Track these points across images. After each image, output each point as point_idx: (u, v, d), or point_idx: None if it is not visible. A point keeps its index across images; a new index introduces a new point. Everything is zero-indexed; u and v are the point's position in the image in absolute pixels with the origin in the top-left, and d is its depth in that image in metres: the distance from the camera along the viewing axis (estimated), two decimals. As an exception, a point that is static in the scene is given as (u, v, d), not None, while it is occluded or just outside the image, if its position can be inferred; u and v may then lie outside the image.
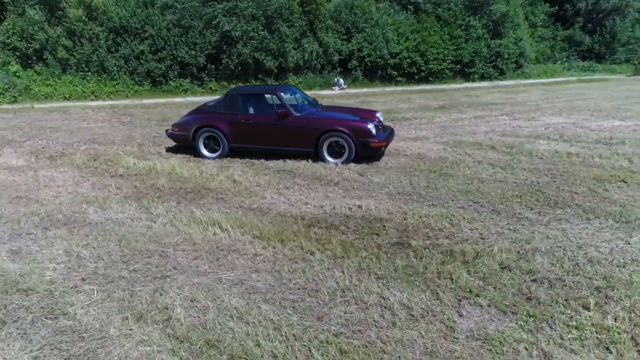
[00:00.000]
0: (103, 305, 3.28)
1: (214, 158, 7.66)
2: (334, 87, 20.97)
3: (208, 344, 2.80)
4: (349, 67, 22.43)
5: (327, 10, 21.76)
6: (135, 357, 2.72)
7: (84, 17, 17.21)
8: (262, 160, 7.53)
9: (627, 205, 5.21)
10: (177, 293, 3.40)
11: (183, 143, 8.01)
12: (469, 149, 8.31)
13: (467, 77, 25.79)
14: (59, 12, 17.41)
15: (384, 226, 4.68)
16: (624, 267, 3.73)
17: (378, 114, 8.08)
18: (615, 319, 2.98)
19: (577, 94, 19.28)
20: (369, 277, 3.62)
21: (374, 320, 3.03)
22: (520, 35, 27.50)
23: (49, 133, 10.14)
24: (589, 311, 3.11)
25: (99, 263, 3.95)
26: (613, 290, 3.35)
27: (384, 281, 3.54)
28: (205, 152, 7.73)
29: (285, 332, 2.90)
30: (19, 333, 2.96)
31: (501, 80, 26.65)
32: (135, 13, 17.93)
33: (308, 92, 19.42)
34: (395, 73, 23.34)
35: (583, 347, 2.73)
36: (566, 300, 3.24)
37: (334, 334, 2.88)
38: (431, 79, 24.38)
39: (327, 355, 2.67)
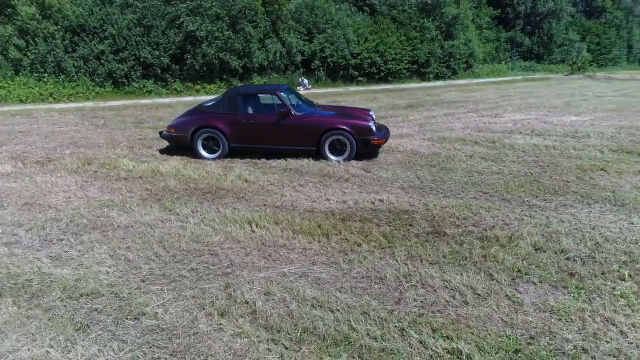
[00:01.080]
0: (178, 303, 3.32)
1: (213, 159, 7.64)
2: (298, 88, 21.13)
3: (305, 332, 2.94)
4: (312, 67, 22.68)
5: (288, 11, 21.88)
6: (237, 348, 2.82)
7: (37, 16, 16.31)
8: (264, 160, 7.62)
9: (615, 190, 5.81)
10: (249, 288, 3.49)
11: (180, 145, 7.92)
12: (455, 144, 8.80)
13: (423, 76, 26.79)
14: (9, 10, 16.40)
15: (413, 217, 4.96)
16: (636, 243, 4.23)
17: (371, 113, 8.38)
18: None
19: (527, 92, 20.62)
20: (422, 263, 3.88)
21: (447, 301, 3.29)
22: (469, 37, 28.93)
23: (22, 137, 9.63)
24: (624, 281, 3.53)
25: (152, 264, 3.95)
26: (638, 263, 3.81)
27: (438, 266, 3.82)
28: (204, 153, 7.70)
29: (373, 316, 3.09)
30: (108, 335, 2.96)
31: (454, 79, 27.90)
32: (93, 11, 17.24)
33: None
34: (357, 73, 23.86)
35: (634, 311, 3.13)
36: (602, 273, 3.66)
37: (418, 315, 3.11)
38: (390, 78, 25.12)
39: (422, 333, 2.90)
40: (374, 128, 7.38)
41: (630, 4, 40.65)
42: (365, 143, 7.35)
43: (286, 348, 2.80)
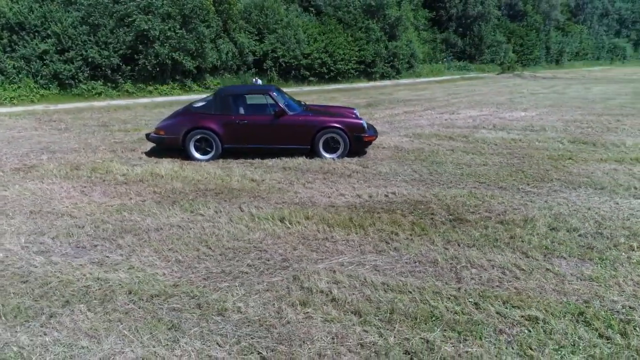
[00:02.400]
0: (254, 297, 3.44)
1: (207, 160, 7.61)
2: (252, 88, 21.05)
3: (392, 312, 3.19)
4: (264, 67, 22.69)
5: (238, 11, 21.75)
6: (335, 332, 3.01)
7: (-31, 12, 15.04)
8: (259, 160, 7.70)
9: (590, 176, 6.57)
10: (317, 278, 3.67)
11: (169, 147, 7.80)
12: (431, 139, 9.36)
13: (369, 76, 27.66)
14: (-64, 6, 14.98)
15: (429, 207, 5.34)
16: (629, 220, 4.88)
17: (355, 111, 8.71)
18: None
19: (470, 90, 22.01)
20: (460, 247, 4.25)
21: (500, 277, 3.67)
22: (410, 38, 30.25)
23: (-19, 144, 8.96)
24: (635, 251, 4.11)
25: (206, 263, 4.00)
26: (639, 236, 4.43)
27: (476, 248, 4.20)
28: (197, 154, 7.64)
29: (445, 294, 3.40)
30: (205, 331, 3.03)
31: (398, 79, 29.06)
32: (33, 9, 16.15)
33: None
34: (308, 73, 24.19)
35: (653, 275, 3.69)
36: (615, 246, 4.23)
37: (482, 291, 3.46)
38: (339, 78, 25.71)
39: (494, 305, 3.24)
40: (365, 126, 7.71)
41: (548, 9, 44.35)
42: (357, 140, 7.67)
43: (380, 328, 3.03)
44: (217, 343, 2.89)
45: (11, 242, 4.39)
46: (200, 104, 8.06)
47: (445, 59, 36.63)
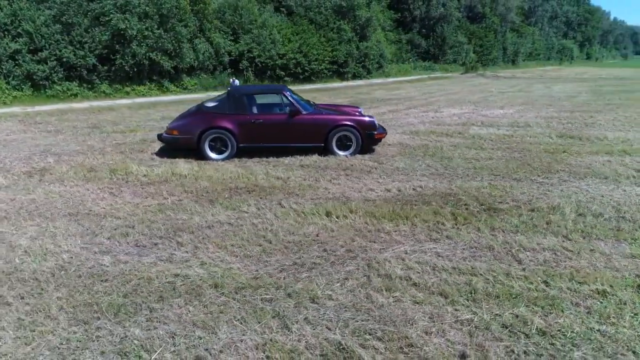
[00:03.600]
0: (337, 285, 3.62)
1: (222, 159, 7.66)
2: (229, 88, 20.94)
3: (473, 293, 3.46)
4: (240, 67, 22.62)
5: (212, 11, 21.58)
6: (430, 312, 3.24)
7: None
8: (273, 158, 7.82)
9: (590, 167, 7.13)
10: (391, 266, 3.89)
11: (183, 147, 7.79)
12: (430, 136, 9.77)
13: (342, 76, 28.09)
14: None
15: (460, 199, 5.68)
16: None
17: (360, 110, 8.99)
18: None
19: (442, 90, 22.81)
20: (505, 233, 4.59)
21: (555, 258, 4.03)
22: (378, 38, 30.92)
23: (-26, 148, 8.60)
24: (658, 232, 4.59)
25: (275, 256, 4.13)
26: (656, 218, 4.93)
27: (520, 234, 4.55)
28: (212, 154, 7.67)
29: (514, 275, 3.71)
30: (310, 317, 3.19)
31: (369, 79, 29.63)
32: (1, 6, 15.46)
33: (206, 94, 19.18)
34: (283, 73, 24.31)
35: (682, 251, 4.16)
36: None
37: (545, 270, 3.79)
38: (313, 78, 25.97)
39: (562, 281, 3.58)
40: (377, 123, 8.00)
41: (504, 11, 46.37)
42: (369, 138, 7.94)
43: (469, 307, 3.29)
44: (327, 327, 3.06)
45: (67, 244, 4.36)
46: (213, 103, 8.09)
47: (411, 59, 37.59)
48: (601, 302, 3.31)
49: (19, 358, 2.75)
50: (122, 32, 16.84)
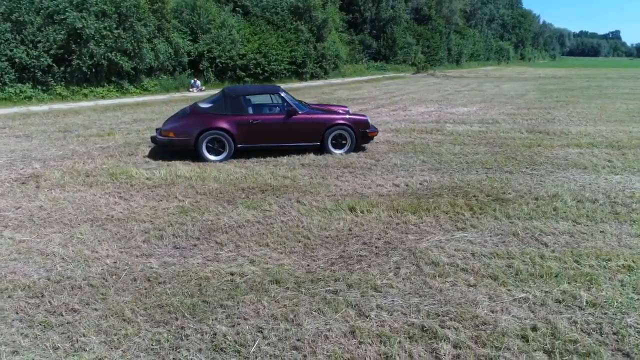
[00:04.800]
0: (391, 275, 3.82)
1: (220, 161, 7.63)
2: (191, 89, 20.60)
3: (518, 273, 3.78)
4: (200, 68, 22.23)
5: (170, 10, 21.07)
6: (487, 293, 3.52)
7: None
8: (271, 158, 7.89)
9: (567, 159, 7.77)
10: (434, 254, 4.15)
11: (179, 149, 7.68)
12: (412, 134, 10.19)
13: (300, 76, 28.22)
14: None
15: (466, 191, 6.05)
16: (623, 191, 6.00)
17: (347, 109, 9.24)
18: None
19: (401, 89, 23.53)
20: (521, 220, 4.97)
21: (574, 240, 4.44)
22: (333, 39, 31.36)
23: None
24: (649, 214, 5.16)
25: (320, 251, 4.27)
26: (643, 202, 5.52)
27: (534, 220, 4.96)
28: (210, 155, 7.62)
29: (546, 256, 4.07)
30: (382, 304, 3.37)
31: (326, 79, 29.97)
32: (-57, 2, 14.33)
33: (167, 95, 18.74)
34: (244, 74, 24.11)
35: (675, 229, 4.72)
36: (633, 210, 5.24)
37: (571, 250, 4.19)
38: (273, 78, 25.91)
39: (590, 260, 3.98)
40: (370, 122, 8.27)
41: (448, 13, 48.40)
42: (363, 136, 8.20)
43: (518, 287, 3.60)
44: (402, 312, 3.26)
45: (104, 249, 4.27)
46: (207, 104, 8.02)
47: (364, 60, 38.35)
48: (630, 276, 3.73)
49: (116, 361, 2.74)
50: (78, 31, 16.08)
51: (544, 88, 23.63)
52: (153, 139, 7.83)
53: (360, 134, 8.14)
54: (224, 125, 7.55)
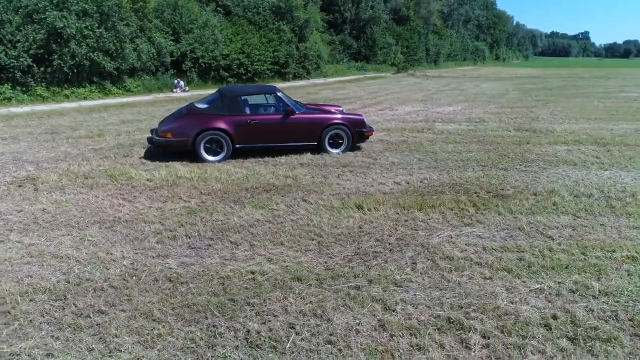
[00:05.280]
0: (408, 270, 3.92)
1: (218, 161, 7.61)
2: (174, 90, 20.38)
3: (530, 265, 3.92)
4: (183, 68, 22.00)
5: (151, 10, 20.80)
6: (503, 285, 3.65)
7: None
8: (269, 158, 7.91)
9: (557, 156, 8.03)
10: (447, 249, 4.26)
11: (177, 150, 7.63)
12: (404, 133, 10.35)
13: (283, 76, 28.18)
14: None
15: (467, 188, 6.21)
16: (615, 185, 6.25)
17: (341, 108, 9.34)
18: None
19: (384, 89, 23.76)
20: (524, 215, 5.14)
21: (577, 233, 4.62)
22: (315, 39, 31.45)
23: None
24: (642, 207, 5.40)
25: (335, 248, 4.34)
26: (636, 195, 5.76)
27: (536, 215, 5.13)
28: (208, 156, 7.59)
29: (554, 248, 4.23)
30: (405, 299, 3.46)
31: (308, 79, 30.01)
32: None
33: (151, 96, 18.50)
34: (227, 74, 23.95)
35: (669, 221, 4.95)
36: (627, 204, 5.47)
37: (576, 243, 4.36)
38: (256, 79, 25.81)
39: (595, 251, 4.16)
40: (366, 121, 8.37)
41: (426, 14, 49.06)
42: (359, 135, 8.30)
43: (532, 278, 3.74)
44: (426, 305, 3.35)
45: (118, 251, 4.24)
46: (204, 105, 7.98)
47: (344, 60, 38.55)
48: (635, 266, 3.92)
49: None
50: (59, 30, 15.73)
51: (523, 88, 24.21)
52: (150, 140, 7.76)
53: (356, 133, 8.24)
54: (222, 125, 7.54)
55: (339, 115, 8.26)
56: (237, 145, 7.68)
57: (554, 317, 3.17)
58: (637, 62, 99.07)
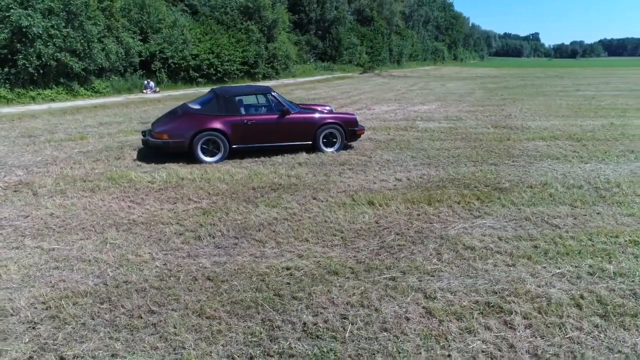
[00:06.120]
0: (435, 260, 4.12)
1: (215, 162, 7.59)
2: (144, 91, 19.94)
3: (547, 252, 4.21)
4: (152, 68, 21.55)
5: (118, 9, 20.26)
6: (527, 271, 3.90)
7: None
8: (265, 158, 7.95)
9: (539, 151, 8.50)
10: (466, 240, 4.49)
11: (173, 151, 7.55)
12: (390, 132, 10.62)
13: (252, 76, 28.07)
14: None
15: (465, 182, 6.50)
16: (599, 177, 6.71)
17: (331, 107, 9.50)
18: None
19: (356, 89, 24.11)
20: (525, 206, 5.46)
21: (579, 221, 4.96)
22: (283, 40, 31.47)
23: None
24: (631, 195, 5.84)
25: (359, 242, 4.48)
26: (621, 185, 6.21)
27: (538, 205, 5.46)
28: (205, 157, 7.56)
29: (563, 236, 4.54)
30: (442, 287, 3.65)
31: (277, 79, 29.99)
32: None
33: (122, 97, 18.04)
34: (197, 74, 23.65)
35: (655, 208, 5.40)
36: (615, 194, 5.90)
37: (581, 230, 4.70)
38: (226, 79, 25.62)
39: (600, 237, 4.50)
40: (358, 120, 8.56)
41: (389, 15, 49.98)
42: (352, 134, 8.49)
43: (552, 264, 4.02)
44: (464, 292, 3.55)
45: (146, 252, 4.22)
46: (198, 106, 7.92)
47: (311, 60, 38.75)
48: (639, 249, 4.27)
49: (222, 355, 2.80)
50: (24, 29, 15.08)
51: (487, 87, 25.17)
52: (145, 142, 7.64)
53: (349, 132, 8.41)
54: (219, 126, 7.53)
55: (333, 115, 8.41)
56: (234, 146, 7.69)
57: (582, 297, 3.44)
58: (583, 62, 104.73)
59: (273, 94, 8.02)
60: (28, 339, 2.92)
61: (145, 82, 20.28)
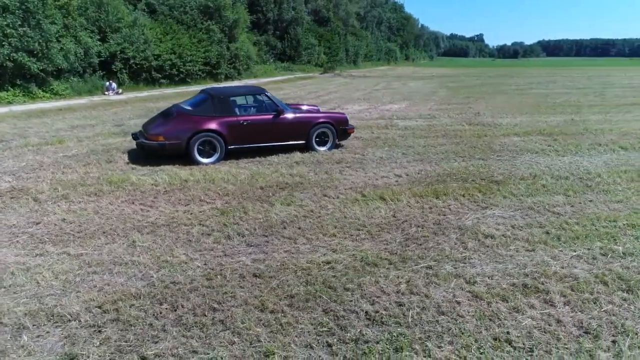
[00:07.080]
0: (461, 249, 4.39)
1: (213, 163, 7.56)
2: (107, 92, 19.27)
3: (559, 238, 4.57)
4: (113, 69, 20.83)
5: (75, 7, 19.44)
6: (545, 256, 4.24)
7: None
8: (262, 157, 7.98)
9: (518, 145, 9.04)
10: (484, 229, 4.79)
11: (169, 153, 7.44)
12: (373, 130, 10.89)
13: (215, 77, 27.72)
14: None
15: (462, 176, 6.85)
16: (579, 168, 7.27)
17: (317, 107, 9.66)
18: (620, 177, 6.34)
19: (322, 89, 24.33)
20: (524, 197, 5.86)
21: (577, 209, 5.39)
22: (243, 40, 31.25)
23: None
24: (614, 184, 6.38)
25: (384, 235, 4.67)
26: (601, 175, 6.77)
27: (536, 196, 5.87)
28: (201, 158, 7.51)
29: (569, 222, 4.93)
30: (480, 272, 3.90)
31: (239, 79, 29.72)
32: None
33: (86, 99, 17.39)
34: (159, 75, 23.08)
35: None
36: (600, 183, 6.43)
37: (580, 216, 5.12)
38: (188, 80, 25.18)
39: (602, 222, 4.93)
40: (348, 119, 8.78)
41: (345, 16, 50.66)
42: (343, 133, 8.69)
43: (566, 248, 4.39)
44: (499, 277, 3.82)
45: (182, 253, 4.22)
46: (192, 107, 7.84)
47: (271, 61, 38.65)
48: (637, 231, 4.72)
49: (299, 345, 2.90)
50: (-23, 28, 14.23)
51: (447, 86, 26.13)
52: (140, 144, 7.48)
53: (340, 131, 8.60)
54: (215, 127, 7.50)
55: (325, 114, 8.56)
56: (230, 147, 7.68)
57: (604, 275, 3.79)
58: (525, 62, 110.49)
59: (267, 94, 8.08)
60: (98, 342, 2.90)
61: (107, 83, 19.58)
